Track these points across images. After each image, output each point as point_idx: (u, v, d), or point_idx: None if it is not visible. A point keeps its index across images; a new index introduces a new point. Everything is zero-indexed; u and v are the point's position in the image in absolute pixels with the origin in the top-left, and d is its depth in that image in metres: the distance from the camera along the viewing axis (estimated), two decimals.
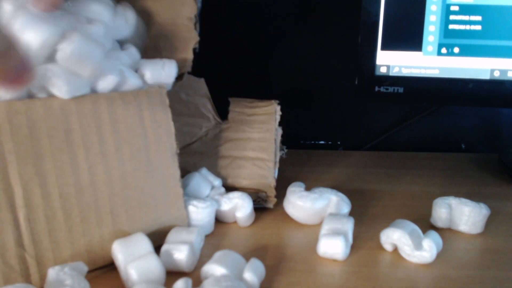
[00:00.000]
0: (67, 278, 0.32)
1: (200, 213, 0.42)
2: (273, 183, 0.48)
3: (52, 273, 0.32)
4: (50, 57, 0.34)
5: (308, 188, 0.46)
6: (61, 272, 0.32)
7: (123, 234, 0.37)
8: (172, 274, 0.36)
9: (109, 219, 0.37)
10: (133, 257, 0.35)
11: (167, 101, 0.40)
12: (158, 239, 0.39)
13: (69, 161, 0.35)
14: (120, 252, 0.35)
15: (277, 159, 0.49)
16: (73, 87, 0.35)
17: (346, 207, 0.45)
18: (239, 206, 0.44)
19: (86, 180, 0.36)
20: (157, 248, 0.37)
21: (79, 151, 0.35)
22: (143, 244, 0.36)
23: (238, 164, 0.49)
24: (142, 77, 0.41)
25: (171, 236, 0.38)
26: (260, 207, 0.48)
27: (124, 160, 0.38)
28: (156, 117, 0.40)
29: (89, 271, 0.36)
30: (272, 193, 0.48)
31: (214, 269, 0.34)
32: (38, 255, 0.34)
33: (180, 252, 0.36)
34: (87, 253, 0.36)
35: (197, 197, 0.44)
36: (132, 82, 0.39)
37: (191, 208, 0.42)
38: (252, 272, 0.34)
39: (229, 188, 0.48)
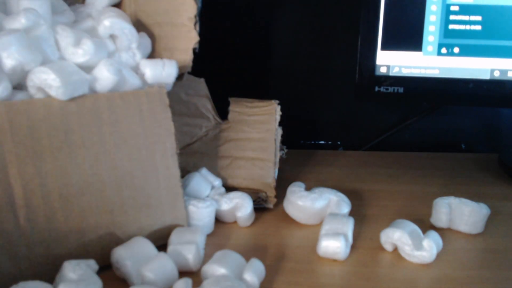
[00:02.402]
0: (83, 273, 0.32)
1: (200, 213, 0.42)
2: (273, 183, 0.48)
3: (68, 266, 0.32)
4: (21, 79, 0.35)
5: (308, 188, 0.46)
6: (77, 267, 0.32)
7: (122, 234, 0.37)
8: None
9: (109, 219, 0.37)
10: (143, 260, 0.35)
11: (167, 101, 0.40)
12: (158, 239, 0.39)
13: (69, 161, 0.35)
14: (126, 258, 0.35)
15: (277, 159, 0.49)
16: (70, 89, 0.35)
17: (346, 207, 0.45)
18: (239, 206, 0.44)
19: (86, 180, 0.36)
20: (157, 248, 0.37)
21: (79, 151, 0.35)
22: (146, 247, 0.36)
23: (238, 164, 0.49)
24: (142, 77, 0.41)
25: (174, 237, 0.38)
26: (260, 207, 0.48)
27: (124, 160, 0.38)
28: (156, 117, 0.40)
29: None
30: (272, 193, 0.48)
31: (214, 269, 0.34)
32: (38, 255, 0.34)
33: (188, 252, 0.36)
34: (87, 253, 0.36)
35: (197, 197, 0.44)
36: (132, 82, 0.39)
37: (191, 208, 0.42)
38: (252, 272, 0.34)
39: (229, 188, 0.48)
